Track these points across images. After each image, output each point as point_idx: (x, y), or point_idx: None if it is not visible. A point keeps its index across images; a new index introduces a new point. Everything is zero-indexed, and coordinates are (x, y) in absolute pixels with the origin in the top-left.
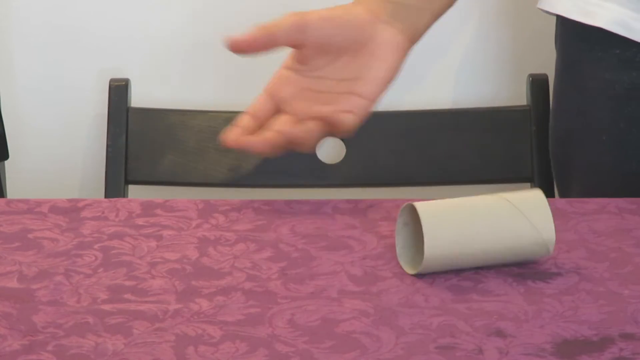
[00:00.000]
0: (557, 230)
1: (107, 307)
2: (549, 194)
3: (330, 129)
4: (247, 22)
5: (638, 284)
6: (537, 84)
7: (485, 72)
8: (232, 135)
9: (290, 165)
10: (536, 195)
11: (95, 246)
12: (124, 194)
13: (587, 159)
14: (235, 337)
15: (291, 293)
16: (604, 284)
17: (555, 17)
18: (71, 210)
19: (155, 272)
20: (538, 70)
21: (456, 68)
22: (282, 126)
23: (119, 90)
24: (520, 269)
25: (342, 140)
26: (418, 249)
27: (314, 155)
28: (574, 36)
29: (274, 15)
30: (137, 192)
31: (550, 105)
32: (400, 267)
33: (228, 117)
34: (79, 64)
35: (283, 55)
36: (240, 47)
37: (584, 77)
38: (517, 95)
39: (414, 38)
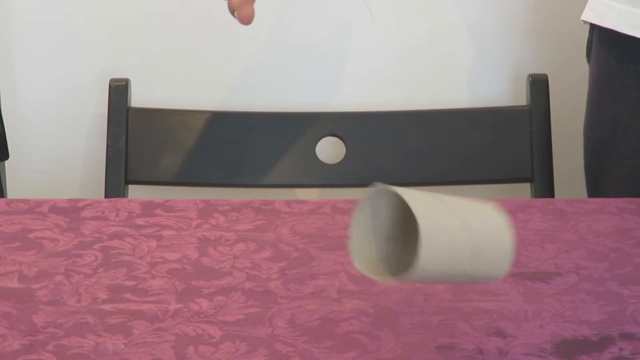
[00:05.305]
0: (557, 230)
1: (107, 307)
2: (549, 193)
3: None
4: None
5: (638, 284)
6: (537, 84)
7: (485, 72)
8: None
9: (290, 165)
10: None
11: (96, 246)
12: (124, 194)
13: (626, 170)
14: (235, 337)
15: (291, 293)
16: (604, 284)
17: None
18: (71, 210)
19: (155, 272)
20: (538, 70)
21: (456, 68)
22: None
23: (119, 90)
24: (520, 268)
25: (342, 140)
26: (392, 248)
27: (314, 155)
28: (614, 48)
29: (275, 16)
30: (137, 192)
31: (584, 118)
32: None
33: (228, 117)
34: (79, 64)
35: (285, 60)
36: None
37: (624, 88)
38: (517, 95)
39: None
